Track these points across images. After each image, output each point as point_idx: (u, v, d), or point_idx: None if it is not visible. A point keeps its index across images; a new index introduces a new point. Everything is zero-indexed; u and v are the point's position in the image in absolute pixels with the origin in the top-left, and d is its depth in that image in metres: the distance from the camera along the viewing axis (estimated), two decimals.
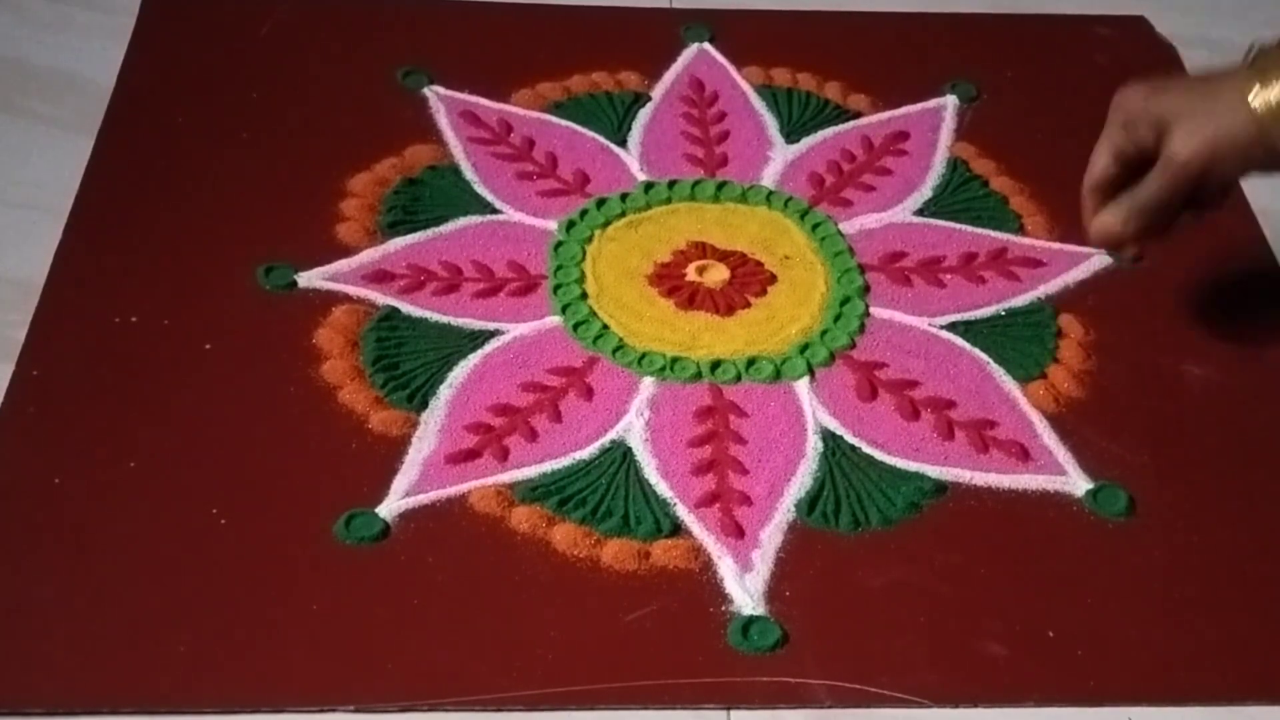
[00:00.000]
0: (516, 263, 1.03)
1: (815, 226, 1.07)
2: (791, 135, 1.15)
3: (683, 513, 0.89)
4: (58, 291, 0.99)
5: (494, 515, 0.88)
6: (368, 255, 1.03)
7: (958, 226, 1.08)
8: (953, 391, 0.97)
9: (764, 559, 0.87)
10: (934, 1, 1.28)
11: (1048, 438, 0.94)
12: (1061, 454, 0.93)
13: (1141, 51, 1.24)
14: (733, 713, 0.81)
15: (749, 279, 1.03)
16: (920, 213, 1.09)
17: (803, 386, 0.97)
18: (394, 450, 0.91)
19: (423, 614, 0.83)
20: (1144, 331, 1.02)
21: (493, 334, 0.98)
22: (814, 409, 0.95)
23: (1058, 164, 1.13)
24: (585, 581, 0.85)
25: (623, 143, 1.13)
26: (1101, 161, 0.92)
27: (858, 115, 1.17)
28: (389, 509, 0.88)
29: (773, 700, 0.81)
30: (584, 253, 1.04)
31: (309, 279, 1.01)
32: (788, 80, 1.19)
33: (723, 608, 0.84)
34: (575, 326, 0.99)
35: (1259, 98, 0.86)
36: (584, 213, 1.07)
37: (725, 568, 0.86)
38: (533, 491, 0.89)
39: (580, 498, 0.89)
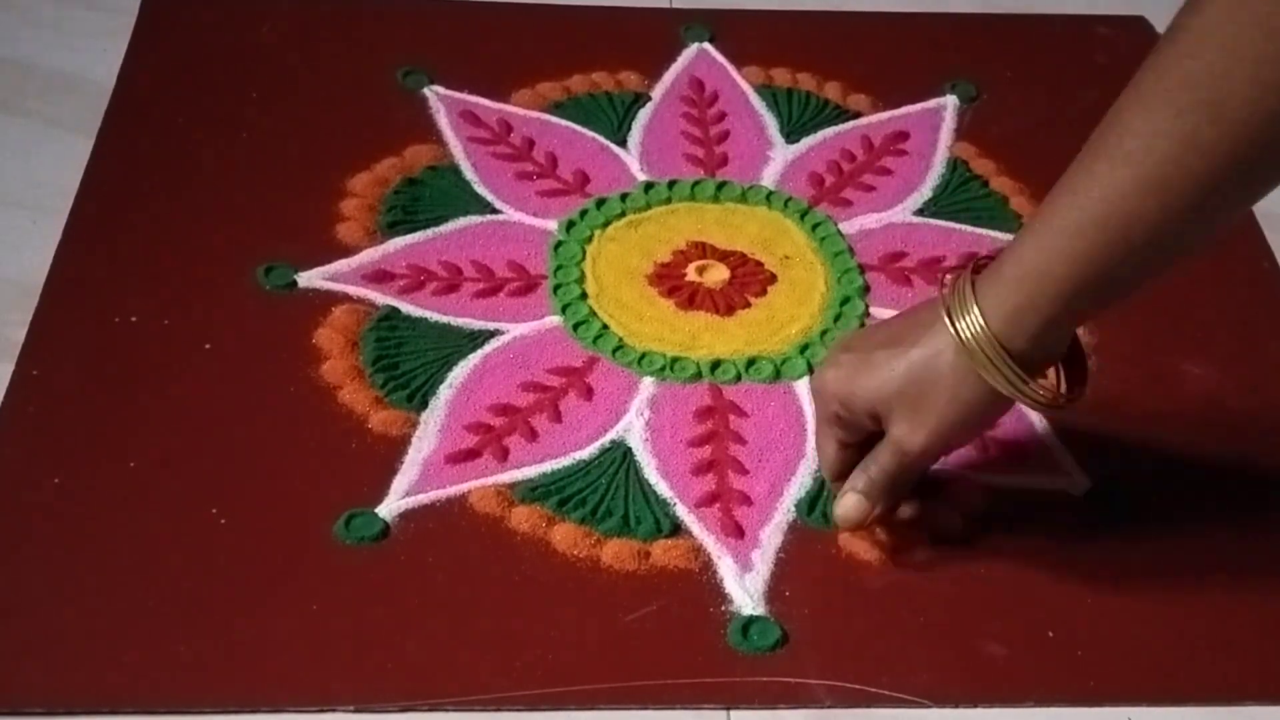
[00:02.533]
0: (516, 263, 1.03)
1: (815, 226, 1.07)
2: (791, 135, 1.15)
3: (683, 513, 0.89)
4: (58, 291, 0.99)
5: (494, 515, 0.88)
6: (368, 255, 1.03)
7: (958, 226, 1.08)
8: None
9: (764, 559, 0.87)
10: (934, 1, 1.28)
11: (1048, 438, 0.94)
12: (1061, 454, 0.93)
13: (1141, 51, 1.23)
14: (733, 713, 0.81)
15: (749, 279, 1.03)
16: (920, 213, 1.09)
17: (803, 386, 0.97)
18: (394, 450, 0.91)
19: (423, 614, 0.83)
20: (1144, 331, 1.02)
21: (493, 334, 0.98)
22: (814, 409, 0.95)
23: (1058, 164, 1.13)
24: (585, 581, 0.85)
25: (623, 143, 1.13)
26: (829, 455, 0.85)
27: (858, 115, 1.17)
28: (389, 509, 0.88)
29: (773, 700, 0.81)
30: (584, 253, 1.04)
31: (309, 279, 1.01)
32: (788, 80, 1.19)
33: (723, 608, 0.84)
34: (575, 326, 0.99)
35: (967, 357, 0.77)
36: (584, 213, 1.07)
37: (725, 568, 0.86)
38: (533, 491, 0.89)
39: (580, 498, 0.89)
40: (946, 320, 0.77)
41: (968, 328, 0.76)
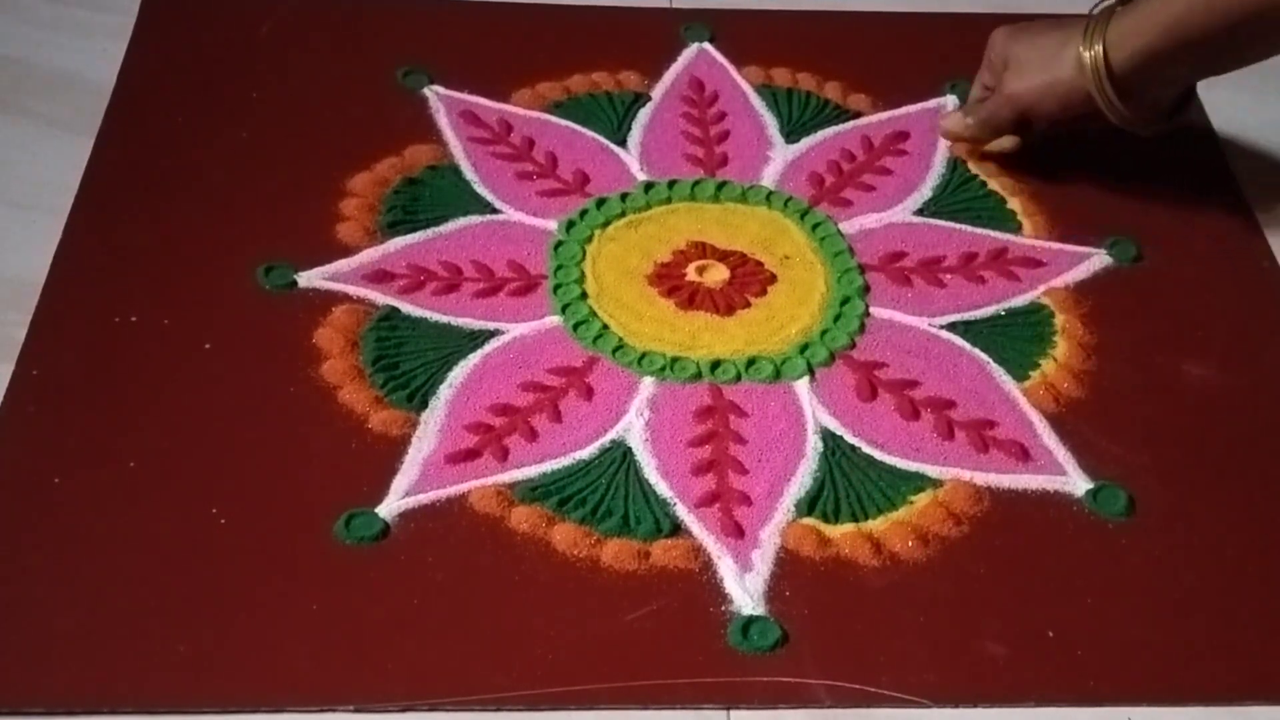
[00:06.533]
0: (516, 262, 1.03)
1: (815, 226, 1.07)
2: (791, 135, 1.15)
3: (683, 513, 0.89)
4: (58, 291, 0.99)
5: (494, 515, 0.88)
6: (368, 255, 1.03)
7: (958, 226, 1.08)
8: (953, 391, 0.97)
9: (764, 559, 0.87)
10: (934, 1, 1.28)
11: (1048, 438, 0.94)
12: (1061, 454, 0.93)
13: None
14: (733, 713, 0.81)
15: (749, 279, 1.03)
16: (920, 212, 1.09)
17: (803, 386, 0.97)
18: (394, 450, 0.91)
19: (423, 614, 0.83)
20: (1144, 331, 1.02)
21: (493, 334, 0.98)
22: (814, 409, 0.95)
23: (1058, 164, 1.13)
24: (585, 581, 0.85)
25: (623, 143, 1.13)
26: (975, 90, 1.12)
27: (858, 115, 1.17)
28: (389, 509, 0.88)
29: (773, 700, 0.81)
30: (584, 252, 1.04)
31: (309, 279, 1.01)
32: (788, 80, 1.19)
33: (723, 608, 0.84)
34: (575, 326, 0.99)
35: (1084, 55, 1.01)
36: (584, 212, 1.07)
37: (725, 567, 0.86)
38: (533, 491, 0.89)
39: (580, 498, 0.89)
40: (1087, 24, 1.02)
41: (1093, 29, 1.01)
